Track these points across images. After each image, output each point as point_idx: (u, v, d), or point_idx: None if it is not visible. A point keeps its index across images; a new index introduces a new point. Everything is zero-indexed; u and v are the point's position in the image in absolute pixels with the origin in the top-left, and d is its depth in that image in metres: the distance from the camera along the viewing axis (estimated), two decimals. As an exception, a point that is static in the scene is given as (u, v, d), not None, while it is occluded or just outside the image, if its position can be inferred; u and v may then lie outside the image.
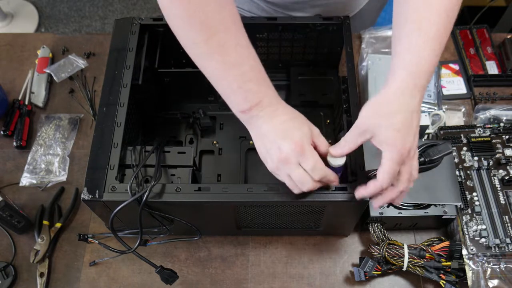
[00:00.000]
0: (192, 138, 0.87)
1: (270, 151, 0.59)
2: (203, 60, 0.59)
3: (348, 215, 0.73)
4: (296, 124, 0.60)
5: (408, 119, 0.56)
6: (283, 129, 0.58)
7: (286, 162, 0.58)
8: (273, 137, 0.58)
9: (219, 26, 0.55)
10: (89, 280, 0.80)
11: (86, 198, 0.64)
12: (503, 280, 0.73)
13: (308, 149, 0.58)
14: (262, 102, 0.58)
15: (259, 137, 0.60)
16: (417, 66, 0.56)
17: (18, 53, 1.04)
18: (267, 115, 0.59)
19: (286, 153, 0.57)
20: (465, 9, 1.85)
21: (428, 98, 0.90)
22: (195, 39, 0.56)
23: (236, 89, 0.58)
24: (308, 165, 0.58)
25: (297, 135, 0.58)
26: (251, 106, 0.58)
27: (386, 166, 0.57)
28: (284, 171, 0.59)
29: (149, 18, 0.79)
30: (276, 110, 0.60)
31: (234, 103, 0.60)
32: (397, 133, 0.56)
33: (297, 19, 0.80)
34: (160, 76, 0.84)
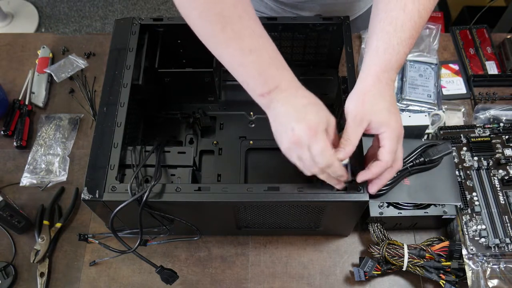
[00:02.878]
0: (192, 138, 0.87)
1: (283, 133, 0.60)
2: (220, 49, 0.60)
3: (348, 215, 0.73)
4: (314, 109, 0.60)
5: (392, 103, 0.62)
6: (301, 112, 0.59)
7: (298, 144, 0.59)
8: (288, 119, 0.59)
9: (233, 17, 0.57)
10: (89, 280, 0.80)
11: (86, 198, 0.64)
12: (503, 280, 0.73)
13: (321, 134, 0.59)
14: (281, 86, 0.59)
15: (277, 119, 0.61)
16: (389, 63, 0.62)
17: (18, 53, 1.04)
18: (286, 98, 0.60)
19: (298, 135, 0.58)
20: (465, 9, 1.86)
21: (428, 98, 0.90)
22: (212, 30, 0.58)
23: (255, 74, 0.59)
24: (315, 149, 0.58)
25: (313, 119, 0.59)
26: (270, 90, 0.59)
27: (387, 146, 0.61)
28: (295, 152, 0.60)
29: (149, 18, 0.79)
30: (295, 93, 0.61)
31: (253, 88, 0.61)
32: (391, 114, 0.61)
33: (297, 19, 0.80)
34: (160, 76, 0.84)
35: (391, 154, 0.61)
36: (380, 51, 0.62)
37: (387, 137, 0.61)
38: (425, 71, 0.93)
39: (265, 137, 0.87)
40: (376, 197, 0.75)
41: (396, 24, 0.61)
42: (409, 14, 0.62)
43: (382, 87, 0.62)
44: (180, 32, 0.82)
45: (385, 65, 0.62)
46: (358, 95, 0.63)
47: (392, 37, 0.61)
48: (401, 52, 0.62)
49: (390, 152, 0.61)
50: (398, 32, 0.61)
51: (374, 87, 0.62)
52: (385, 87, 0.62)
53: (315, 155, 0.58)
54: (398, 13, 0.61)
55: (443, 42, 1.03)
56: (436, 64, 0.94)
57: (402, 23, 0.61)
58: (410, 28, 0.62)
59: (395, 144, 0.61)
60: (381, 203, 0.75)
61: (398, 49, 0.62)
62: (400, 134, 0.62)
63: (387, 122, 0.61)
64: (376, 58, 0.63)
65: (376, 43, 0.63)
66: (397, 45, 0.61)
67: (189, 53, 0.86)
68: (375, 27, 0.64)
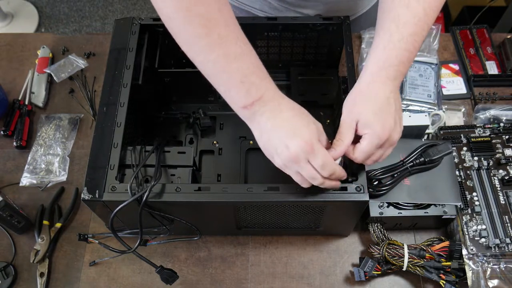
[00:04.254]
0: (192, 138, 0.87)
1: (277, 150, 0.58)
2: (203, 54, 0.58)
3: (348, 215, 0.73)
4: (302, 121, 0.59)
5: (384, 103, 0.60)
6: (290, 127, 0.58)
7: (295, 161, 0.57)
8: (279, 135, 0.58)
9: (219, 20, 0.56)
10: (89, 280, 0.80)
11: (86, 198, 0.64)
12: (503, 280, 0.73)
13: (317, 147, 0.58)
14: (264, 97, 0.58)
15: (264, 134, 0.59)
16: (387, 60, 0.60)
17: (18, 53, 1.04)
18: (270, 110, 0.58)
19: (295, 152, 0.57)
20: (465, 9, 1.86)
21: (428, 98, 0.90)
22: (196, 34, 0.56)
23: (237, 82, 0.57)
24: (317, 163, 0.57)
25: (306, 133, 0.58)
26: (253, 101, 0.57)
27: (363, 146, 0.60)
28: (293, 169, 0.59)
29: (149, 18, 0.79)
30: (279, 105, 0.59)
31: (236, 99, 0.59)
32: (375, 116, 0.59)
33: (297, 19, 0.80)
34: (160, 76, 0.84)
35: (363, 155, 0.61)
36: (379, 48, 0.61)
37: (365, 139, 0.60)
38: (425, 71, 0.93)
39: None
40: (376, 197, 0.75)
41: (399, 21, 0.61)
42: (413, 11, 0.60)
43: (377, 87, 0.61)
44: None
45: (383, 62, 0.61)
46: (352, 95, 0.62)
47: (394, 34, 0.60)
48: (402, 48, 0.60)
49: (363, 152, 0.60)
50: (401, 28, 0.60)
51: (368, 87, 0.61)
52: (380, 86, 0.61)
53: (318, 168, 0.58)
54: (402, 11, 0.61)
55: (443, 42, 1.03)
56: (436, 64, 0.94)
57: (405, 20, 0.60)
58: (413, 25, 0.60)
59: (371, 148, 0.60)
60: (381, 203, 0.75)
61: (399, 46, 0.60)
62: (383, 138, 0.60)
63: (370, 125, 0.59)
64: (374, 56, 0.62)
65: (377, 41, 0.62)
66: (398, 42, 0.60)
67: (189, 53, 0.86)
68: (378, 25, 0.63)
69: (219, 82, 0.59)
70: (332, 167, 0.59)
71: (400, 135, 0.63)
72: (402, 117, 0.64)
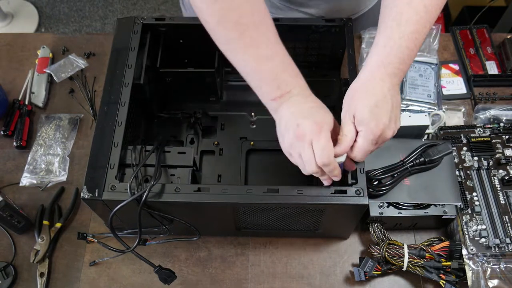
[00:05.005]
0: (193, 138, 0.87)
1: (289, 128, 0.60)
2: (237, 55, 0.61)
3: (347, 218, 0.73)
4: (322, 111, 0.62)
5: (380, 100, 0.60)
6: (308, 111, 0.60)
7: (301, 138, 0.59)
8: (295, 116, 0.60)
9: (250, 24, 0.59)
10: (89, 280, 0.80)
11: (86, 197, 0.64)
12: (503, 280, 0.73)
13: (325, 132, 0.59)
14: (292, 91, 0.61)
15: (282, 119, 0.62)
16: (387, 57, 0.61)
17: (18, 53, 1.04)
18: (294, 101, 0.61)
19: (303, 129, 0.59)
20: (465, 9, 1.85)
21: (428, 98, 0.90)
22: (230, 36, 0.60)
23: (269, 80, 0.61)
24: (318, 145, 0.59)
25: (319, 117, 0.60)
26: (282, 94, 0.61)
27: (360, 144, 0.61)
28: (297, 149, 0.60)
29: (151, 17, 0.79)
30: (305, 98, 0.62)
31: (266, 93, 0.62)
32: (370, 113, 0.60)
33: (299, 21, 0.80)
34: (162, 76, 0.84)
35: (361, 152, 0.62)
36: (379, 46, 0.62)
37: (361, 136, 0.61)
38: (425, 71, 0.93)
39: (266, 138, 0.87)
40: (376, 197, 0.75)
41: (400, 19, 0.61)
42: (414, 8, 0.61)
43: (375, 83, 0.61)
44: (182, 32, 0.82)
45: (382, 59, 0.61)
46: (351, 91, 0.64)
47: (395, 31, 0.61)
48: (403, 46, 0.61)
49: (360, 149, 0.62)
50: (402, 26, 0.61)
51: (366, 83, 0.62)
52: (378, 82, 0.61)
53: (317, 150, 0.59)
54: (403, 8, 0.61)
55: (443, 42, 1.03)
56: (436, 64, 0.94)
57: (406, 18, 0.61)
58: (415, 23, 0.61)
59: (368, 145, 0.61)
60: (381, 203, 0.75)
61: (399, 43, 0.61)
62: (377, 134, 0.60)
63: (365, 122, 0.60)
64: (374, 52, 0.63)
65: (378, 38, 0.63)
66: (399, 39, 0.61)
67: (191, 53, 0.86)
68: (380, 22, 0.64)
69: (251, 80, 0.63)
70: (331, 156, 0.59)
71: (394, 133, 0.63)
72: (400, 116, 0.64)
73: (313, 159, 0.59)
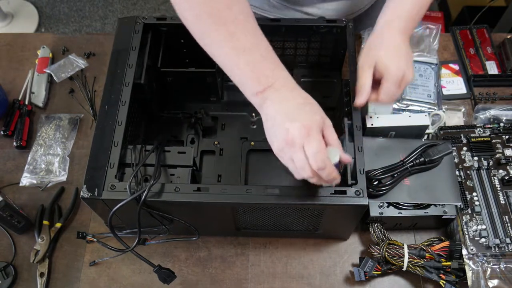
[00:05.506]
0: (194, 138, 0.87)
1: (277, 132, 0.59)
2: (215, 49, 0.61)
3: (347, 219, 0.73)
4: (308, 109, 0.60)
5: (396, 49, 0.69)
6: (294, 112, 0.58)
7: (291, 144, 0.57)
8: (282, 118, 0.58)
9: (227, 18, 0.59)
10: (89, 280, 0.80)
11: (85, 196, 0.63)
12: (503, 280, 0.73)
13: (315, 134, 0.57)
14: (275, 85, 0.60)
15: (269, 118, 0.60)
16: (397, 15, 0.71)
17: (18, 53, 1.04)
18: (279, 97, 0.59)
19: (292, 135, 0.57)
20: (465, 9, 1.86)
21: (428, 98, 0.90)
22: (207, 30, 0.60)
23: (249, 73, 0.60)
24: (310, 149, 0.57)
25: (307, 118, 0.58)
26: (264, 88, 0.59)
27: (387, 87, 0.68)
28: (288, 154, 0.59)
29: (152, 17, 0.79)
30: (290, 92, 0.60)
31: (248, 87, 0.61)
32: (391, 59, 0.68)
33: (300, 21, 0.80)
34: (163, 76, 0.84)
35: (387, 95, 0.69)
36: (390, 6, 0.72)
37: (387, 80, 0.68)
38: (425, 71, 0.93)
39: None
40: (376, 197, 0.75)
41: None
42: None
43: (389, 35, 0.70)
44: (184, 32, 0.82)
45: (390, 14, 0.71)
46: (368, 43, 0.71)
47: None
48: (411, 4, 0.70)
49: (386, 92, 0.68)
50: None
51: (381, 36, 0.70)
52: (391, 35, 0.69)
53: (310, 156, 0.57)
54: None
55: (443, 42, 1.03)
56: (436, 64, 0.94)
57: None
58: None
59: (393, 87, 0.68)
60: (381, 203, 0.75)
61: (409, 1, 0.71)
62: (399, 78, 0.67)
63: (388, 66, 0.67)
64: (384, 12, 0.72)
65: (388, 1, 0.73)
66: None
67: (192, 53, 0.86)
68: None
69: (232, 74, 0.62)
70: (324, 159, 0.57)
71: (412, 78, 0.70)
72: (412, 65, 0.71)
73: (307, 164, 0.57)
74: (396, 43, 0.69)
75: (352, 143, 0.68)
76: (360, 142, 0.67)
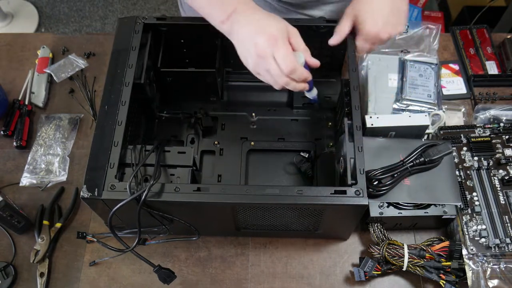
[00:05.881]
0: (194, 138, 0.87)
1: (249, 50, 0.63)
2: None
3: (347, 219, 0.73)
4: (271, 21, 0.65)
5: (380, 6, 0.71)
6: (259, 25, 0.64)
7: (263, 56, 0.62)
8: (250, 35, 0.63)
9: None
10: (89, 280, 0.80)
11: (85, 196, 0.63)
12: (503, 280, 0.73)
13: (281, 41, 0.63)
14: (237, 9, 0.65)
15: (240, 41, 0.65)
16: None
17: (18, 53, 1.04)
18: (244, 18, 0.65)
19: (262, 46, 0.62)
20: (465, 9, 1.85)
21: (428, 98, 0.90)
22: None
23: (214, 2, 0.66)
24: (279, 55, 0.62)
25: (272, 29, 0.63)
26: (229, 14, 0.65)
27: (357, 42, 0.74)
28: (262, 66, 0.64)
29: (152, 17, 0.79)
30: (253, 13, 0.66)
31: (214, 16, 0.68)
32: (368, 15, 0.71)
33: (300, 21, 0.79)
34: (163, 76, 0.84)
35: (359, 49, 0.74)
36: None
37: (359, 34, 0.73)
38: (425, 71, 0.92)
39: (267, 138, 0.87)
40: (376, 197, 0.75)
41: None
42: None
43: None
44: (183, 32, 0.82)
45: None
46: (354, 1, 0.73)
47: None
48: None
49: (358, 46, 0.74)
50: None
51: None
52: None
53: (280, 62, 0.62)
54: None
55: (443, 42, 1.03)
56: (436, 64, 0.94)
57: None
58: None
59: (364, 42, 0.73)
60: (381, 203, 0.75)
61: None
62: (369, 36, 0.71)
63: (364, 22, 0.71)
64: None
65: None
66: None
67: (192, 53, 0.86)
68: None
69: (203, 8, 0.69)
70: (293, 61, 0.63)
71: (390, 36, 0.73)
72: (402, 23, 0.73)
73: (280, 71, 0.63)
74: (383, 1, 0.71)
75: (352, 143, 0.68)
76: (360, 142, 0.68)
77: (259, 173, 0.84)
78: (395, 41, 0.99)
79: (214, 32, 0.69)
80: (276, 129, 0.88)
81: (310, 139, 0.87)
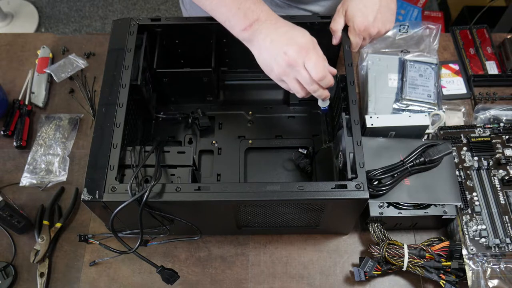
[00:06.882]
0: (191, 138, 0.87)
1: (276, 58, 0.64)
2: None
3: (348, 213, 0.73)
4: (298, 32, 0.66)
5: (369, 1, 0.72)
6: (287, 37, 0.65)
7: (293, 64, 0.64)
8: (278, 45, 0.65)
9: None
10: (89, 280, 0.80)
11: (86, 198, 0.64)
12: (503, 280, 0.73)
13: (312, 51, 0.65)
14: (260, 18, 0.66)
15: (264, 49, 0.66)
16: None
17: (18, 53, 1.04)
18: (267, 28, 0.66)
19: (292, 56, 0.64)
20: (465, 9, 1.86)
21: (428, 98, 0.90)
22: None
23: (235, 10, 0.66)
24: (310, 64, 0.64)
25: (302, 40, 0.65)
26: (251, 23, 0.65)
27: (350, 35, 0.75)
28: (292, 75, 0.66)
29: (147, 18, 0.79)
30: (275, 23, 0.67)
31: (235, 24, 0.67)
32: (357, 11, 0.72)
33: (295, 18, 0.79)
34: (159, 76, 0.84)
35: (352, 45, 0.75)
36: None
37: (349, 30, 0.74)
38: (425, 71, 0.93)
39: (264, 136, 0.87)
40: (376, 197, 0.75)
41: None
42: None
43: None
44: (178, 32, 0.82)
45: None
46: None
47: None
48: None
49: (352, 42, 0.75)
50: None
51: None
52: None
53: (311, 69, 0.64)
54: None
55: (443, 42, 1.03)
56: (436, 64, 0.94)
57: None
58: None
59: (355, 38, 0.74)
60: (381, 203, 0.75)
61: None
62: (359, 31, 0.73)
63: (353, 18, 0.72)
64: None
65: None
66: None
67: (187, 53, 0.86)
68: None
69: (220, 15, 0.68)
70: (324, 68, 0.65)
71: (379, 32, 0.74)
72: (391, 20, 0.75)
73: (310, 78, 0.65)
74: None
75: (350, 137, 0.68)
76: (358, 136, 0.68)
77: (258, 171, 0.84)
78: (395, 41, 0.99)
79: (209, 32, 0.69)
80: (273, 126, 0.88)
81: (307, 136, 0.87)
